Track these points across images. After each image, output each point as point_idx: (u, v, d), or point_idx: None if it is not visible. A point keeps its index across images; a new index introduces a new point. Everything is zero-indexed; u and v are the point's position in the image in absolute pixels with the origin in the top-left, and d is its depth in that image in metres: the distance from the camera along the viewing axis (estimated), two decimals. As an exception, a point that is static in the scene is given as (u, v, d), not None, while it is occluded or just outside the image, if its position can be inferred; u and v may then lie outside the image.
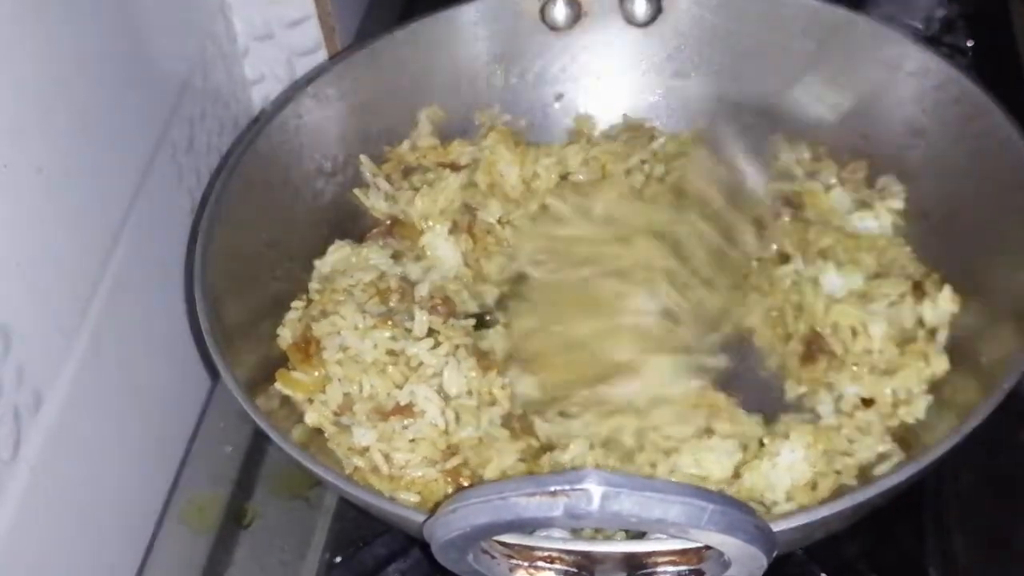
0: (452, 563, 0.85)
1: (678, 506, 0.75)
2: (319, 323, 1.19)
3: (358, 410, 1.15)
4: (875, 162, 1.32)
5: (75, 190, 1.11)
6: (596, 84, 1.46)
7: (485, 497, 0.77)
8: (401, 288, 1.24)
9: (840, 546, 1.14)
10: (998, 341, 1.09)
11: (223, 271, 1.15)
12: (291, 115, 1.29)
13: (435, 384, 1.15)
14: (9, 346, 0.99)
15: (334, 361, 1.17)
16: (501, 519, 0.77)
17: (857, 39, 1.31)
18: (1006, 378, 0.99)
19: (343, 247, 1.29)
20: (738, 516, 0.78)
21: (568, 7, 1.42)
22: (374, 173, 1.36)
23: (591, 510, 0.74)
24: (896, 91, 1.29)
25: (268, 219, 1.26)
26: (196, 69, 1.38)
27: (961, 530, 1.14)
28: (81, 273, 1.13)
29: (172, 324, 1.32)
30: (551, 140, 1.43)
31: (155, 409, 1.28)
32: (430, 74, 1.40)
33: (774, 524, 0.84)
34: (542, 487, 0.75)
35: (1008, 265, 1.14)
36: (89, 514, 1.15)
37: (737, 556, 0.81)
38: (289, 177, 1.30)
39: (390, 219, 1.34)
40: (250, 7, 1.47)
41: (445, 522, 0.80)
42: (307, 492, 1.22)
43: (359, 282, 1.23)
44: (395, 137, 1.40)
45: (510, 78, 1.44)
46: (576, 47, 1.44)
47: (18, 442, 1.01)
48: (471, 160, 1.37)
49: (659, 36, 1.43)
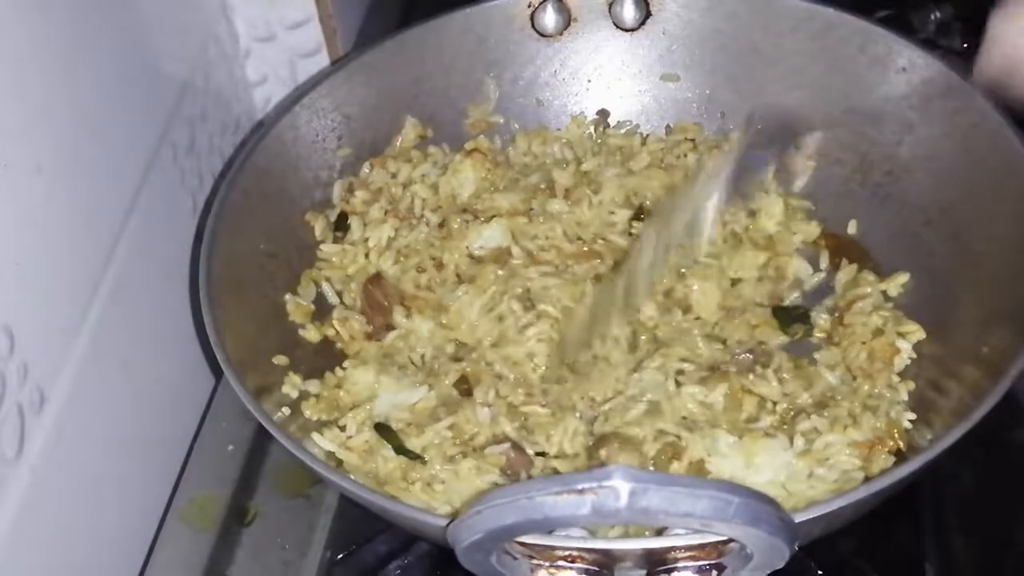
0: (476, 565, 0.82)
1: (705, 500, 0.73)
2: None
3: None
4: (866, 158, 1.30)
5: (75, 190, 1.09)
6: (586, 89, 1.43)
7: (511, 497, 0.74)
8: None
9: (837, 544, 1.12)
10: (995, 337, 1.06)
11: (226, 281, 1.13)
12: (287, 127, 1.29)
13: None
14: (13, 345, 0.97)
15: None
16: (528, 519, 0.74)
17: (844, 38, 1.29)
18: (1005, 376, 0.97)
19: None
20: (763, 508, 0.76)
21: (558, 14, 1.39)
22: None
23: (619, 507, 0.72)
24: (885, 88, 1.27)
25: (267, 229, 1.25)
26: (197, 70, 1.36)
27: (958, 528, 1.12)
28: (82, 273, 1.11)
29: (174, 323, 1.30)
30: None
31: (157, 408, 1.26)
32: (422, 82, 1.39)
33: (796, 516, 0.83)
34: (569, 485, 0.72)
35: (1003, 256, 1.12)
36: (92, 512, 1.13)
37: (760, 548, 0.79)
38: (287, 188, 1.29)
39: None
40: (252, 9, 1.45)
41: (470, 524, 0.77)
42: (308, 490, 1.20)
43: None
44: (389, 145, 1.39)
45: (501, 84, 1.41)
46: (566, 52, 1.42)
47: (22, 440, 0.99)
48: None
49: (648, 40, 1.41)
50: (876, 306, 1.19)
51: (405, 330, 1.24)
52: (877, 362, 1.15)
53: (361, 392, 1.17)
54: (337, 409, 1.17)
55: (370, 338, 1.24)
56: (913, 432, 1.10)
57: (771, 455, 1.06)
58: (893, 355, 1.15)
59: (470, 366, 1.19)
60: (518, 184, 1.35)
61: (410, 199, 1.33)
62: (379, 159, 1.36)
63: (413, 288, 1.27)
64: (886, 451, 1.07)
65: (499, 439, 1.13)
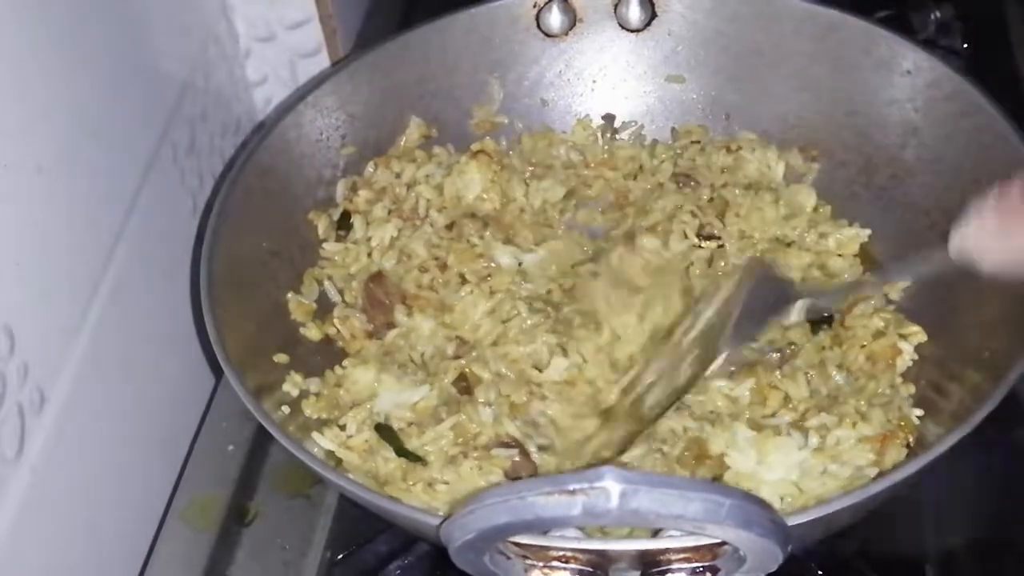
0: (469, 565, 0.82)
1: (697, 502, 0.73)
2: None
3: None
4: (870, 161, 1.30)
5: (75, 190, 1.09)
6: (591, 89, 1.43)
7: (503, 497, 0.74)
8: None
9: (837, 544, 1.12)
10: (996, 341, 1.06)
11: (227, 280, 1.13)
12: (291, 125, 1.28)
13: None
14: (13, 345, 0.97)
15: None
16: (520, 519, 0.74)
17: (848, 40, 1.29)
18: (1004, 380, 0.97)
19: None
20: (755, 511, 0.76)
21: (563, 14, 1.39)
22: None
23: (610, 508, 0.72)
24: (889, 90, 1.27)
25: (270, 228, 1.25)
26: (197, 70, 1.36)
27: (959, 529, 1.13)
28: (82, 273, 1.11)
29: (174, 323, 1.30)
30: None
31: (157, 408, 1.26)
32: (426, 82, 1.38)
33: (789, 519, 0.82)
34: (560, 486, 0.72)
35: None
36: (92, 512, 1.13)
37: (753, 551, 0.79)
38: (290, 186, 1.28)
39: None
40: (252, 8, 1.45)
41: (463, 523, 0.77)
42: (308, 490, 1.20)
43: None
44: (393, 144, 1.38)
45: (506, 85, 1.41)
46: (571, 53, 1.42)
47: (23, 440, 0.99)
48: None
49: (654, 41, 1.40)
50: (878, 308, 1.19)
51: (406, 328, 1.24)
52: (880, 363, 1.15)
53: (361, 391, 1.17)
54: (337, 408, 1.16)
55: (371, 336, 1.24)
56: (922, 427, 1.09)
57: (783, 453, 1.05)
58: (895, 356, 1.15)
59: (469, 364, 1.19)
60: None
61: (414, 199, 1.33)
62: (383, 159, 1.36)
63: (415, 288, 1.27)
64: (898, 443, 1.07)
65: (502, 438, 1.13)
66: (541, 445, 1.13)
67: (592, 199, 1.37)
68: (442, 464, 1.10)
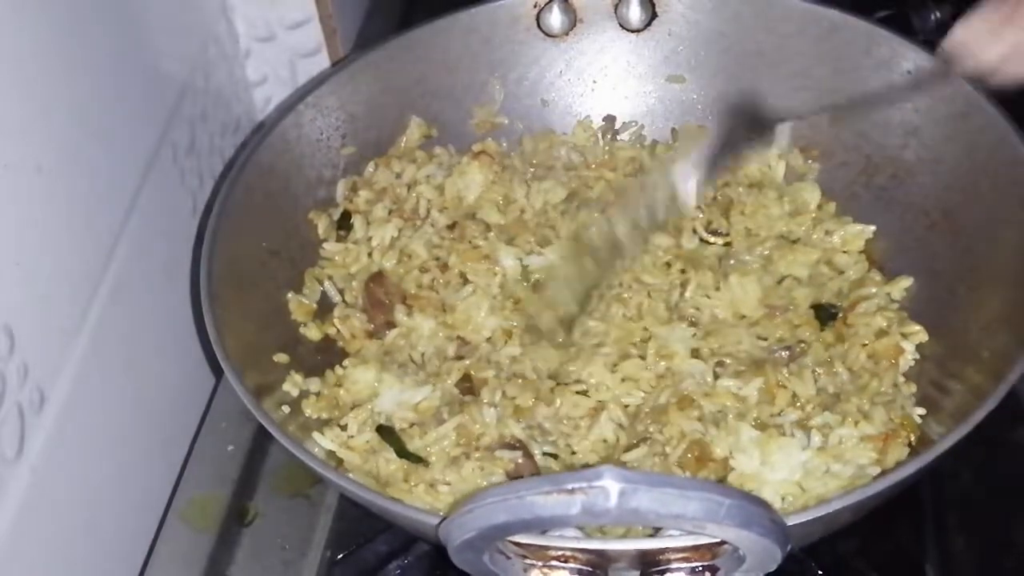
0: (468, 564, 0.82)
1: (696, 502, 0.73)
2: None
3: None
4: (871, 161, 1.30)
5: (75, 190, 1.09)
6: (592, 89, 1.43)
7: (502, 496, 0.74)
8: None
9: (837, 544, 1.12)
10: (997, 341, 1.06)
11: (227, 279, 1.13)
12: (291, 125, 1.28)
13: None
14: (13, 345, 0.97)
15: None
16: (518, 518, 0.74)
17: (849, 40, 1.29)
18: (1004, 380, 0.97)
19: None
20: (754, 510, 0.76)
21: (564, 14, 1.39)
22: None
23: (609, 507, 0.72)
24: (890, 91, 1.26)
25: (270, 227, 1.25)
26: (197, 70, 1.36)
27: (959, 528, 1.13)
28: (82, 273, 1.11)
29: (175, 324, 1.30)
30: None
31: (157, 408, 1.26)
32: (427, 82, 1.38)
33: (789, 518, 0.82)
34: (559, 485, 0.72)
35: (1006, 260, 1.11)
36: (92, 512, 1.13)
37: (752, 550, 0.79)
38: (290, 186, 1.28)
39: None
40: (252, 9, 1.45)
41: (462, 523, 0.77)
42: (308, 490, 1.20)
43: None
44: (393, 144, 1.38)
45: (506, 85, 1.41)
46: (572, 53, 1.41)
47: (23, 440, 0.99)
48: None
49: (654, 41, 1.40)
50: (880, 307, 1.19)
51: (406, 328, 1.24)
52: (882, 362, 1.15)
53: (361, 391, 1.17)
54: (337, 408, 1.17)
55: (371, 336, 1.24)
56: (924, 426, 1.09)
57: (786, 454, 1.05)
58: (898, 355, 1.15)
59: (472, 365, 1.20)
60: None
61: (415, 200, 1.33)
62: (384, 159, 1.36)
63: (415, 288, 1.27)
64: (900, 442, 1.07)
65: (506, 440, 1.13)
66: (547, 452, 1.13)
67: (593, 200, 1.36)
68: (444, 465, 1.10)
